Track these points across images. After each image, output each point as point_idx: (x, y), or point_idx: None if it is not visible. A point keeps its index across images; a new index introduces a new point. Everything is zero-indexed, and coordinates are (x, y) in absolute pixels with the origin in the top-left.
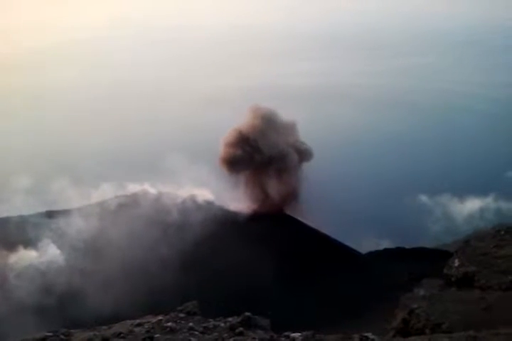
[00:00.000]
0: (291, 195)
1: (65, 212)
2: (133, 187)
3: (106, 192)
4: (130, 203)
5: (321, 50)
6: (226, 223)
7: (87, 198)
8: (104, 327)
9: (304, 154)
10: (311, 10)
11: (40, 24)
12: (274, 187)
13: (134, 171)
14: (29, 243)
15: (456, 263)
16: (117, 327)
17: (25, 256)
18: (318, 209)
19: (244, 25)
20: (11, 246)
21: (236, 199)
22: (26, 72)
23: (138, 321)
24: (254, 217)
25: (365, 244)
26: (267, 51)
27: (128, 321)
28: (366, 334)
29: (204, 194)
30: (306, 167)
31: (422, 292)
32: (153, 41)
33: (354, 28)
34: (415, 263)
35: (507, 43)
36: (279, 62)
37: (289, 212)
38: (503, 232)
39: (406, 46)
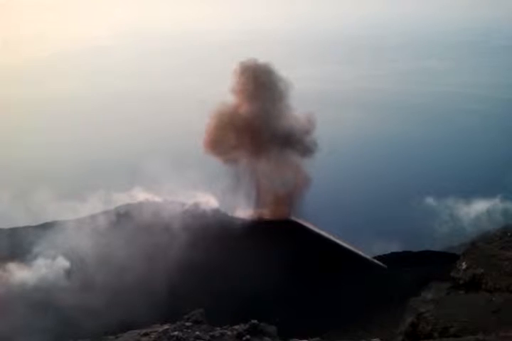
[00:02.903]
0: (298, 188)
1: (64, 224)
2: (133, 196)
3: (103, 202)
4: (131, 213)
5: (324, 54)
6: (231, 231)
7: (83, 209)
8: (111, 337)
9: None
10: (314, 15)
11: (41, 35)
12: (277, 177)
13: (136, 181)
14: (29, 255)
15: (464, 265)
16: (125, 337)
17: (28, 269)
18: (324, 212)
19: (247, 30)
20: (11, 257)
21: (239, 202)
22: (26, 83)
23: (145, 331)
24: (260, 223)
25: (372, 247)
26: (271, 56)
27: (135, 331)
28: (374, 339)
29: (208, 201)
30: (311, 167)
31: (429, 295)
32: (157, 49)
33: (357, 32)
34: (422, 266)
35: (507, 44)
36: (283, 66)
37: (294, 216)
38: (510, 234)
39: (408, 49)
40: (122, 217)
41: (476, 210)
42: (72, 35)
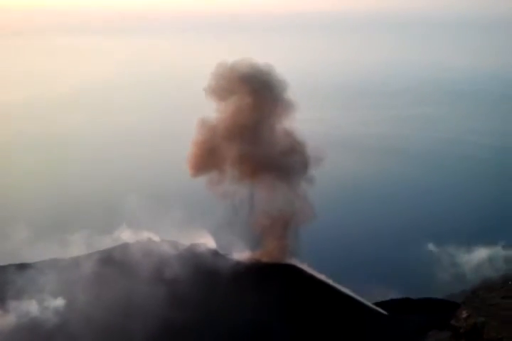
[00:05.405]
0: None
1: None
2: (124, 237)
3: (90, 243)
4: (124, 253)
5: (324, 99)
6: (227, 275)
7: (69, 249)
8: None
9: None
10: (311, 61)
11: (51, 72)
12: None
13: (127, 221)
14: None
15: (464, 314)
16: None
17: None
18: (323, 256)
19: None
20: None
21: (236, 241)
22: (34, 121)
23: None
24: (257, 267)
25: (372, 293)
26: None
27: None
28: None
29: (204, 242)
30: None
31: None
32: (165, 87)
33: (354, 78)
34: (422, 314)
35: (504, 93)
36: None
37: (292, 259)
38: (511, 282)
39: (405, 96)
40: (116, 258)
41: (478, 257)
42: (82, 74)
